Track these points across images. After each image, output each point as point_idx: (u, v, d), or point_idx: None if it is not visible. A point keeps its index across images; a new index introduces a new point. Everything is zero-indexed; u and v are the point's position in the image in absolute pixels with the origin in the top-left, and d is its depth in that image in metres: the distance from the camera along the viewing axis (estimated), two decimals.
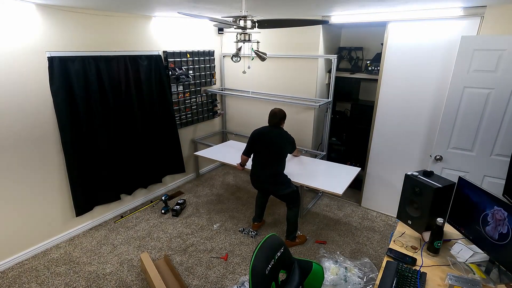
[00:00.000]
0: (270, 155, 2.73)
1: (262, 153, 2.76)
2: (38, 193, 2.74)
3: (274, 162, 2.73)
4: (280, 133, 2.75)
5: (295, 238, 2.94)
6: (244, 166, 2.98)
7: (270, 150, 2.71)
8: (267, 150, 2.73)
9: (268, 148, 2.72)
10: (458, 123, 2.50)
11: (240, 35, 1.99)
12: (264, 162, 2.75)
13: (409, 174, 1.89)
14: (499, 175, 2.42)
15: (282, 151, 2.73)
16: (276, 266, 1.54)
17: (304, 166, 3.31)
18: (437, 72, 2.78)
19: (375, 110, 3.25)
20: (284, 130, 2.80)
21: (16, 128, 2.49)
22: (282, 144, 2.74)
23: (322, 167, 3.28)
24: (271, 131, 2.75)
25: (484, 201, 1.58)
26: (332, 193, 2.77)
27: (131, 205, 3.60)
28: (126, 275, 2.58)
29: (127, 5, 2.44)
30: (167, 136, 3.73)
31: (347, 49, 3.86)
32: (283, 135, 2.76)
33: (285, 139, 2.76)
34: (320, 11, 2.88)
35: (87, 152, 2.96)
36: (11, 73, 2.38)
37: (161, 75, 3.47)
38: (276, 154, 2.72)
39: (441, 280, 1.53)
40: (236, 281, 2.52)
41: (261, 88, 4.13)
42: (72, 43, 2.69)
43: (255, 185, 2.91)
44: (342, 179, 2.96)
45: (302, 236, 3.02)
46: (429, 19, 2.71)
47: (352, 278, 2.44)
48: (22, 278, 2.54)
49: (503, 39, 2.19)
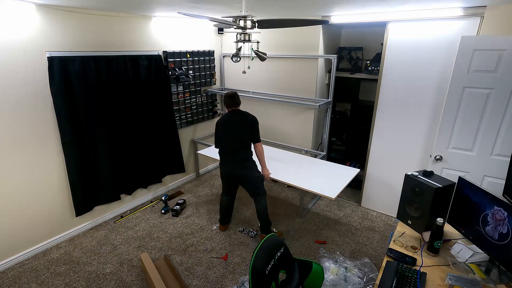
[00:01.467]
0: (233, 133, 2.75)
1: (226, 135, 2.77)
2: (38, 193, 2.74)
3: (238, 139, 2.75)
4: (242, 113, 2.78)
5: (270, 231, 2.94)
6: None
7: (232, 129, 2.74)
8: (229, 130, 2.75)
9: (229, 128, 2.75)
10: (458, 123, 2.50)
11: (240, 35, 1.99)
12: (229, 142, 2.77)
13: (409, 174, 1.89)
14: (499, 175, 2.42)
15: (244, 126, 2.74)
16: (276, 266, 1.54)
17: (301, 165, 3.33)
18: (437, 72, 2.78)
19: (375, 110, 3.25)
20: (243, 112, 2.80)
21: (16, 128, 2.49)
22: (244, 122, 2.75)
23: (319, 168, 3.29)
24: (231, 114, 2.78)
25: (484, 201, 1.58)
26: (325, 197, 2.78)
27: (131, 205, 3.60)
28: (126, 275, 2.58)
29: (127, 5, 2.44)
30: (167, 136, 3.73)
31: (347, 49, 3.86)
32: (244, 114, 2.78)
33: (247, 116, 2.77)
34: (320, 11, 2.88)
35: (87, 152, 2.96)
36: (11, 73, 2.38)
37: (161, 75, 3.47)
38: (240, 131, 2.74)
39: (441, 280, 1.53)
40: (236, 281, 2.52)
41: (261, 88, 4.13)
42: (72, 43, 2.69)
43: (222, 170, 2.89)
44: (338, 181, 2.98)
45: (279, 232, 3.08)
46: (429, 19, 2.71)
47: (352, 278, 2.44)
48: (22, 278, 2.54)
49: (503, 39, 2.19)
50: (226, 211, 3.11)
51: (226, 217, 3.15)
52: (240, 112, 2.80)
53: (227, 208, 3.10)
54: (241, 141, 2.75)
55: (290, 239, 3.05)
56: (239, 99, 2.81)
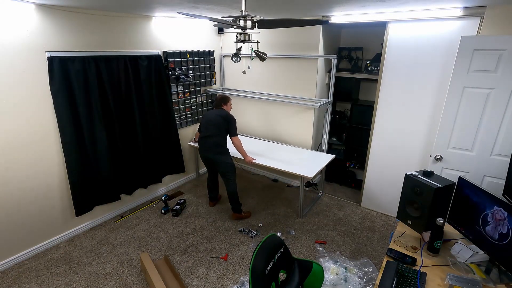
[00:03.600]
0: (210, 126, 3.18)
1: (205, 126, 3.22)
2: (38, 193, 2.74)
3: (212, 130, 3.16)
4: (220, 110, 3.23)
5: (241, 211, 3.38)
6: None
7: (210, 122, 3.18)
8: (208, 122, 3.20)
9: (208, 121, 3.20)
10: (458, 123, 2.50)
11: (240, 35, 1.99)
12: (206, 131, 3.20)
13: (409, 174, 1.89)
14: (499, 175, 2.42)
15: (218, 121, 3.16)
16: (276, 266, 1.54)
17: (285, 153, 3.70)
18: (437, 72, 2.78)
19: (375, 110, 3.25)
20: (224, 110, 3.24)
21: (16, 128, 2.49)
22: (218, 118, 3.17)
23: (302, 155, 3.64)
24: (213, 110, 3.29)
25: (484, 201, 1.58)
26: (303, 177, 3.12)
27: (131, 205, 3.60)
28: (126, 275, 2.58)
29: (127, 5, 2.44)
30: (167, 136, 3.73)
31: (347, 49, 3.86)
32: (221, 111, 3.21)
33: (221, 113, 3.19)
34: (320, 11, 2.88)
35: (87, 152, 2.96)
36: (11, 73, 2.38)
37: (161, 75, 3.47)
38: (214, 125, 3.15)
39: (441, 280, 1.53)
40: (236, 281, 2.52)
41: (261, 88, 4.13)
42: (72, 43, 2.69)
43: (200, 154, 3.30)
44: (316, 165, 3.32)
45: (248, 212, 3.47)
46: (429, 19, 2.71)
47: (352, 278, 2.44)
48: (22, 278, 2.54)
49: (503, 39, 2.19)
50: (210, 188, 3.60)
51: (211, 193, 3.63)
52: (223, 110, 3.24)
53: (211, 185, 3.58)
54: (218, 129, 3.15)
55: (290, 239, 3.06)
56: (226, 101, 3.31)
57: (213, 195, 3.65)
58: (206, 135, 3.20)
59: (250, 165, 3.35)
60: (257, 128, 4.36)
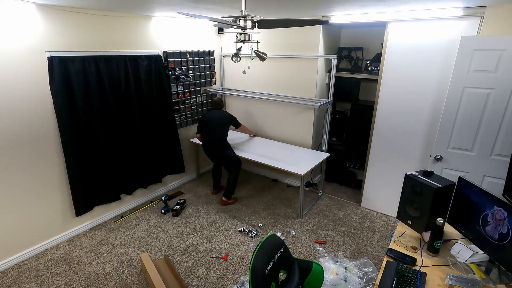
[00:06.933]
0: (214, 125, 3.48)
1: (209, 126, 3.50)
2: (38, 193, 2.74)
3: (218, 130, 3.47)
4: (220, 111, 3.59)
5: (230, 198, 3.65)
6: None
7: (214, 122, 3.49)
8: (211, 122, 3.49)
9: (211, 121, 3.49)
10: (458, 123, 2.50)
11: (240, 35, 1.99)
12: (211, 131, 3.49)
13: (409, 174, 1.89)
14: (499, 175, 2.42)
15: (222, 121, 3.51)
16: (276, 266, 1.54)
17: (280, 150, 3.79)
18: (437, 72, 2.78)
19: (375, 110, 3.25)
20: (225, 111, 3.69)
21: (16, 128, 2.49)
22: (222, 118, 3.53)
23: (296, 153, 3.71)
24: (214, 111, 3.59)
25: (484, 201, 1.58)
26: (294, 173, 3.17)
27: (131, 205, 3.60)
28: (126, 275, 2.58)
29: (127, 5, 2.44)
30: (167, 136, 3.73)
31: (347, 49, 3.86)
32: (222, 112, 3.59)
33: (224, 114, 3.58)
34: (320, 11, 2.88)
35: (87, 152, 2.96)
36: (11, 73, 2.38)
37: (161, 75, 3.47)
38: (219, 124, 3.48)
39: (441, 280, 1.53)
40: (236, 281, 2.52)
41: (261, 88, 4.13)
42: (72, 43, 2.69)
43: (206, 151, 3.59)
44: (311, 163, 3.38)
45: (235, 198, 3.76)
46: (429, 19, 2.71)
47: (352, 278, 2.44)
48: (22, 278, 2.54)
49: (503, 39, 2.20)
50: (214, 175, 3.91)
51: (215, 180, 3.92)
52: (223, 110, 3.62)
53: (215, 174, 3.90)
54: (224, 126, 3.50)
55: (290, 239, 3.06)
56: (222, 105, 3.67)
57: (216, 183, 3.92)
58: (212, 132, 3.46)
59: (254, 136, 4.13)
60: (257, 128, 4.36)
